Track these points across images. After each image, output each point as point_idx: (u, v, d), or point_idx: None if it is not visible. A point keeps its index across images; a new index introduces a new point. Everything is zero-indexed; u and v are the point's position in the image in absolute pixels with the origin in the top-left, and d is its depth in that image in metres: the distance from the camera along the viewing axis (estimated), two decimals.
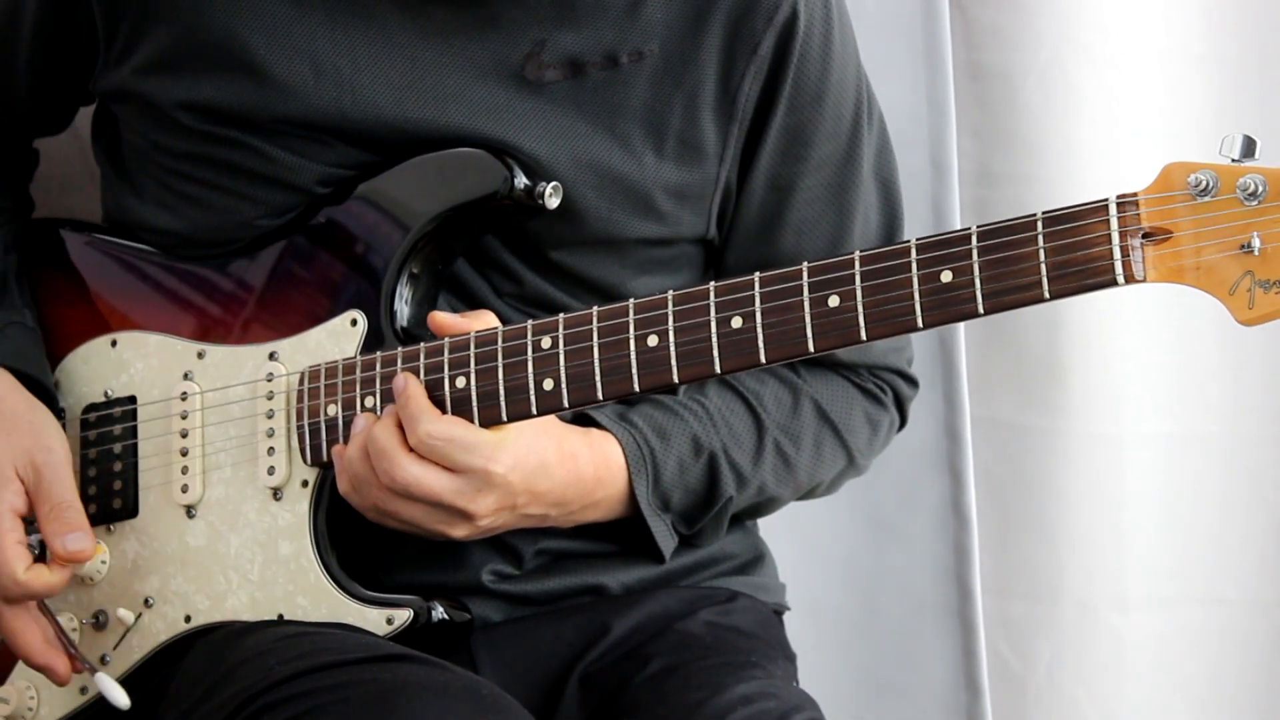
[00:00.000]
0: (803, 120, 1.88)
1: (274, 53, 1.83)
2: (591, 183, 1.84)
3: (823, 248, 1.93)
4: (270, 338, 1.85)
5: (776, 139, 1.88)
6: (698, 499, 1.90)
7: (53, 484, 1.82)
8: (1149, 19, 2.38)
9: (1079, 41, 2.36)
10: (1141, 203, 1.55)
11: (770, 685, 1.83)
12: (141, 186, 1.93)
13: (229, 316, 1.88)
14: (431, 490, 1.73)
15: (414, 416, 1.73)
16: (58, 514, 1.82)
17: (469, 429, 1.73)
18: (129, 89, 1.88)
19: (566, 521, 1.83)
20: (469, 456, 1.72)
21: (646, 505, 1.86)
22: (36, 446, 1.83)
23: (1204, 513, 2.45)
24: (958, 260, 1.59)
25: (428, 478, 1.73)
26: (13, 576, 1.80)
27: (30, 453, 1.83)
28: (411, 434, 1.72)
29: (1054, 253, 1.56)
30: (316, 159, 1.84)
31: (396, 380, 1.74)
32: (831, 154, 1.91)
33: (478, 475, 1.73)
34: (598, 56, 1.84)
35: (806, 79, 1.87)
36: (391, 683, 1.65)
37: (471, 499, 1.74)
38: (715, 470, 1.89)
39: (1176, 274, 1.55)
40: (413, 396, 1.73)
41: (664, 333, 1.69)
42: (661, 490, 1.87)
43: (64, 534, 1.81)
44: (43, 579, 1.81)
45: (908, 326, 1.61)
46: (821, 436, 1.96)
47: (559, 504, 1.80)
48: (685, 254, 1.93)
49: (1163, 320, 2.42)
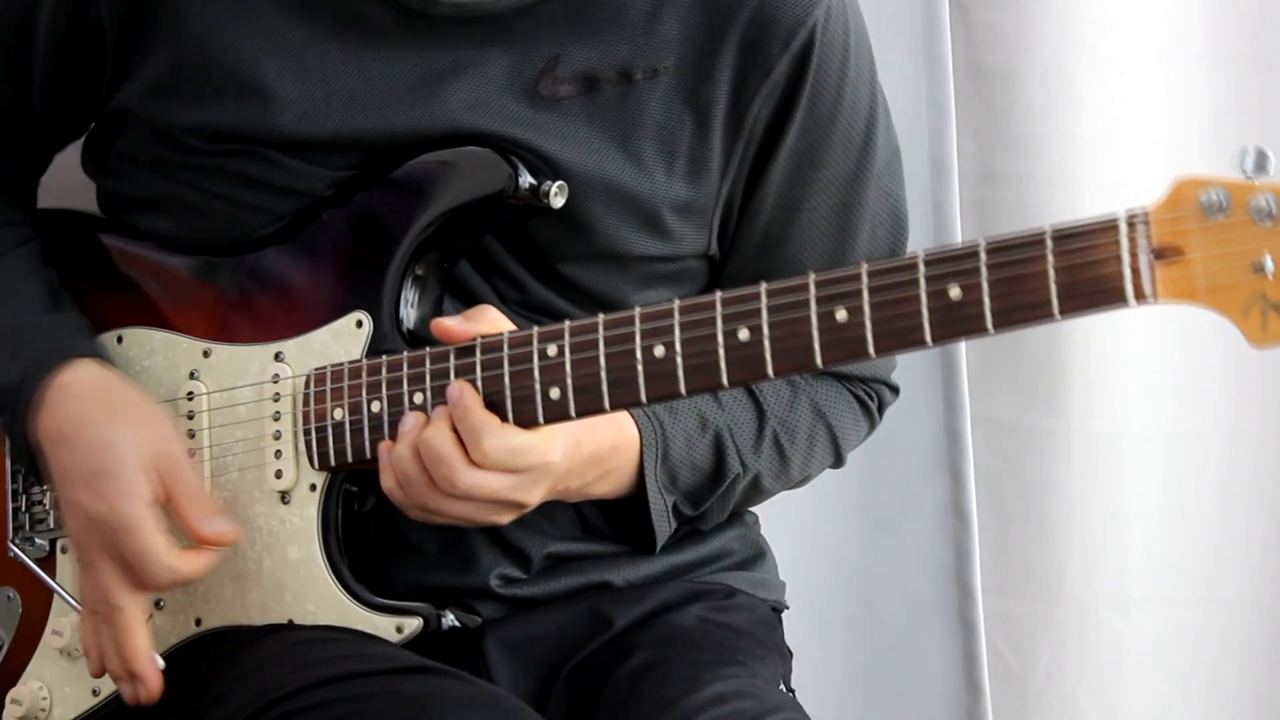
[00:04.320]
0: (814, 143, 1.87)
1: (285, 75, 1.82)
2: (602, 199, 1.83)
3: (824, 263, 1.91)
4: (275, 337, 1.84)
5: (786, 162, 1.87)
6: (704, 477, 1.90)
7: (184, 474, 1.80)
8: (1149, 19, 2.38)
9: (1080, 41, 2.36)
10: (1152, 221, 1.52)
11: (749, 685, 1.82)
12: (139, 197, 1.92)
13: (234, 315, 1.87)
14: (492, 491, 1.72)
15: (475, 431, 1.71)
16: (196, 501, 1.80)
17: (524, 436, 1.72)
18: (135, 110, 1.87)
19: (578, 495, 1.83)
20: (528, 458, 1.72)
21: (652, 478, 1.86)
22: (160, 438, 1.81)
23: (1204, 513, 2.45)
24: (966, 277, 1.57)
25: (489, 481, 1.72)
26: (162, 560, 1.77)
27: (157, 444, 1.80)
28: (475, 450, 1.71)
29: (1064, 272, 1.53)
30: (327, 166, 1.83)
31: (451, 389, 1.72)
32: (840, 174, 1.90)
33: (537, 470, 1.73)
34: (612, 73, 1.83)
35: (820, 104, 1.86)
36: (416, 695, 1.65)
37: (528, 491, 1.74)
38: (721, 448, 1.89)
39: (1188, 294, 1.51)
40: (470, 409, 1.72)
41: (670, 344, 1.67)
42: (670, 465, 1.87)
43: (206, 517, 1.79)
44: (190, 562, 1.78)
45: (916, 343, 1.59)
46: (815, 434, 1.96)
47: (580, 475, 1.80)
48: (689, 269, 1.93)
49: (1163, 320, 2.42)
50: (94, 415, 1.81)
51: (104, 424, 1.81)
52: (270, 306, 1.86)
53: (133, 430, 1.81)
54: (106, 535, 1.78)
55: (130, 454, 1.79)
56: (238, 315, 1.87)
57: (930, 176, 2.40)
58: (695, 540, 1.98)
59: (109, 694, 1.87)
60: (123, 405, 1.83)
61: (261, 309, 1.86)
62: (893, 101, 2.00)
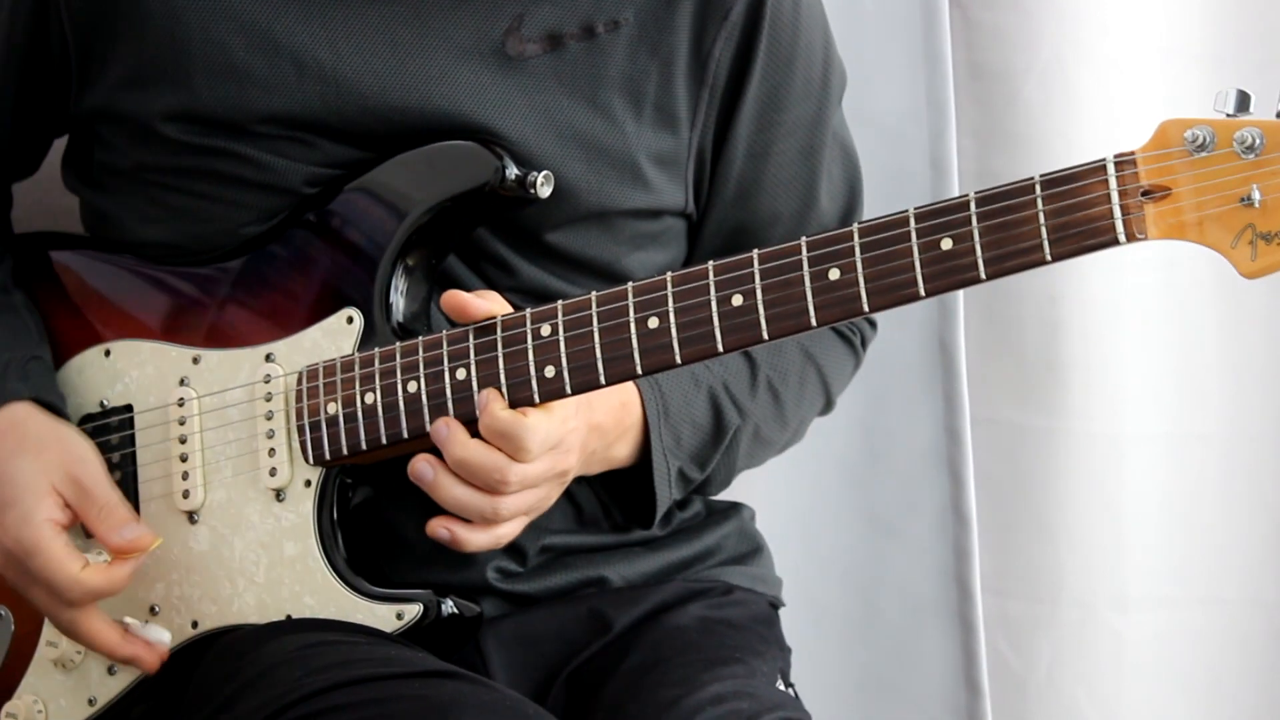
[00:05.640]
0: (776, 85, 1.90)
1: (254, 53, 1.82)
2: (580, 156, 1.84)
3: (796, 207, 1.95)
4: (266, 339, 1.85)
5: (752, 107, 1.89)
6: (706, 435, 1.91)
7: (93, 489, 1.82)
8: (1149, 19, 2.38)
9: (1079, 41, 2.36)
10: (1139, 161, 1.55)
11: (748, 684, 1.82)
12: (124, 205, 1.92)
13: (223, 320, 1.87)
14: (540, 474, 1.75)
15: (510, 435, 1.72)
16: (106, 514, 1.81)
17: (538, 416, 1.72)
18: (108, 107, 1.87)
19: (602, 460, 1.85)
20: (545, 435, 1.73)
21: (656, 436, 1.87)
22: (69, 459, 1.83)
23: (1204, 513, 2.45)
24: (957, 227, 1.59)
25: (536, 467, 1.74)
26: (70, 576, 1.79)
27: (64, 466, 1.82)
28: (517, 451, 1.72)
29: (1054, 215, 1.56)
30: (303, 160, 1.84)
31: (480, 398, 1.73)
32: (802, 116, 1.92)
33: (566, 438, 1.75)
34: (575, 27, 1.84)
35: (779, 44, 1.88)
36: (437, 700, 1.65)
37: (565, 458, 1.77)
38: (717, 402, 1.91)
39: (1177, 230, 1.54)
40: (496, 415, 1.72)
41: (664, 314, 1.69)
42: (672, 423, 1.88)
43: (117, 529, 1.81)
44: (100, 575, 1.80)
45: (910, 296, 1.61)
46: (806, 374, 1.98)
47: (601, 434, 1.82)
48: (672, 228, 1.94)
49: (1163, 320, 2.42)
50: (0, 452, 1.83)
51: (5, 459, 1.83)
52: (259, 309, 1.86)
53: (34, 458, 1.82)
54: (19, 563, 1.81)
55: (30, 481, 1.81)
56: (226, 320, 1.88)
57: (930, 176, 2.40)
58: (692, 535, 1.99)
59: (105, 703, 1.87)
60: (30, 436, 1.84)
61: (250, 312, 1.87)
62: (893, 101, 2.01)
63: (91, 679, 1.89)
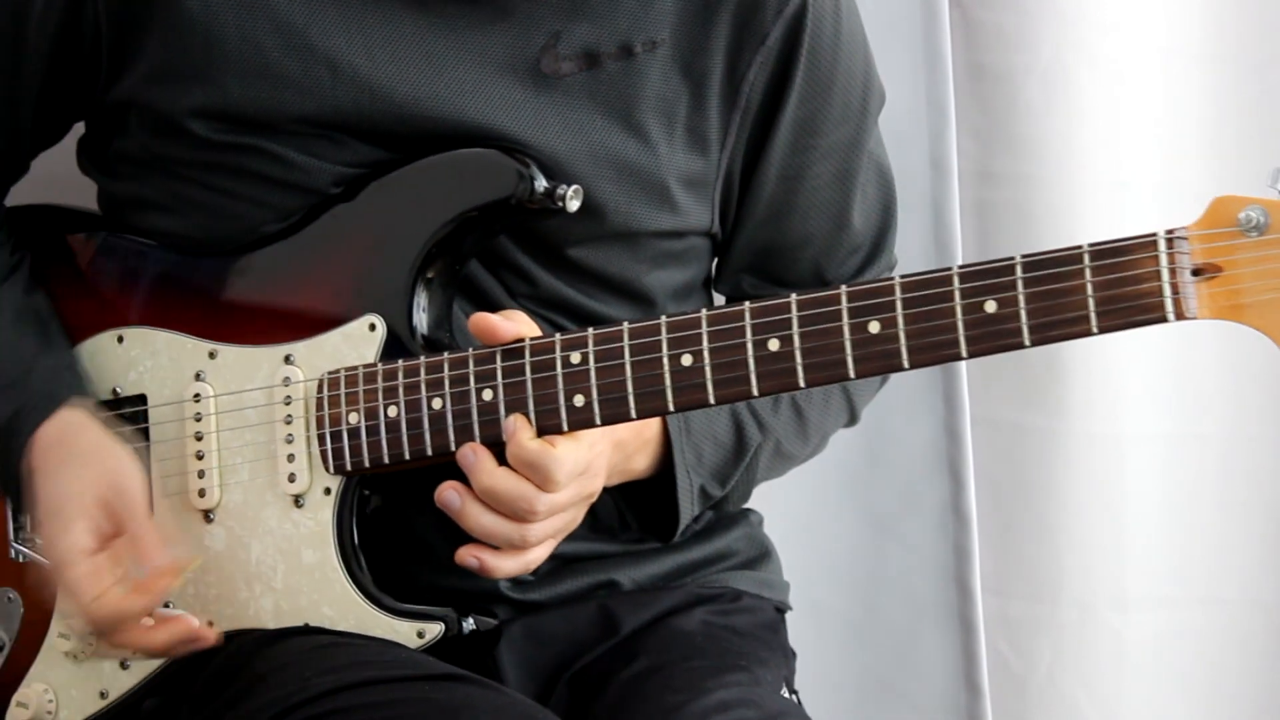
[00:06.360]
0: (814, 110, 1.88)
1: (289, 54, 1.81)
2: (611, 176, 1.83)
3: (829, 229, 1.94)
4: (284, 339, 1.83)
5: (788, 130, 1.88)
6: (728, 453, 1.90)
7: (127, 518, 1.79)
8: (1149, 19, 2.38)
9: (1079, 41, 2.36)
10: (1191, 239, 1.53)
11: (752, 692, 1.82)
12: (138, 193, 1.90)
13: (240, 315, 1.85)
14: (568, 500, 1.74)
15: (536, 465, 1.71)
16: (131, 544, 1.78)
17: (560, 452, 1.72)
18: (138, 99, 1.86)
19: (622, 470, 1.84)
20: (573, 465, 1.73)
21: (679, 451, 1.86)
22: (110, 479, 1.80)
23: (1204, 513, 2.45)
24: (1003, 291, 1.57)
25: (564, 494, 1.74)
26: (78, 605, 1.77)
27: (105, 487, 1.79)
28: (545, 481, 1.72)
29: (1102, 287, 1.55)
30: (331, 159, 1.82)
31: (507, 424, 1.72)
32: (839, 140, 1.91)
33: (591, 463, 1.75)
34: (613, 47, 1.83)
35: (818, 69, 1.87)
36: (448, 703, 1.64)
37: (592, 482, 1.76)
38: (739, 418, 1.90)
39: (1233, 313, 1.53)
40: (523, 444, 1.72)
41: (699, 353, 1.67)
42: (694, 440, 1.88)
43: (139, 562, 1.77)
44: (110, 607, 1.77)
45: (951, 356, 1.60)
46: (830, 390, 1.97)
47: (623, 447, 1.82)
48: (695, 247, 1.93)
49: None
50: (47, 464, 1.81)
51: (53, 471, 1.81)
52: (278, 307, 1.84)
53: (79, 471, 1.80)
54: (53, 572, 1.80)
55: (71, 496, 1.79)
56: (244, 316, 1.86)
57: (930, 177, 2.40)
58: (701, 540, 1.98)
59: (117, 697, 1.86)
60: (78, 450, 1.82)
61: (269, 310, 1.85)
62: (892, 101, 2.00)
63: (104, 672, 1.86)
